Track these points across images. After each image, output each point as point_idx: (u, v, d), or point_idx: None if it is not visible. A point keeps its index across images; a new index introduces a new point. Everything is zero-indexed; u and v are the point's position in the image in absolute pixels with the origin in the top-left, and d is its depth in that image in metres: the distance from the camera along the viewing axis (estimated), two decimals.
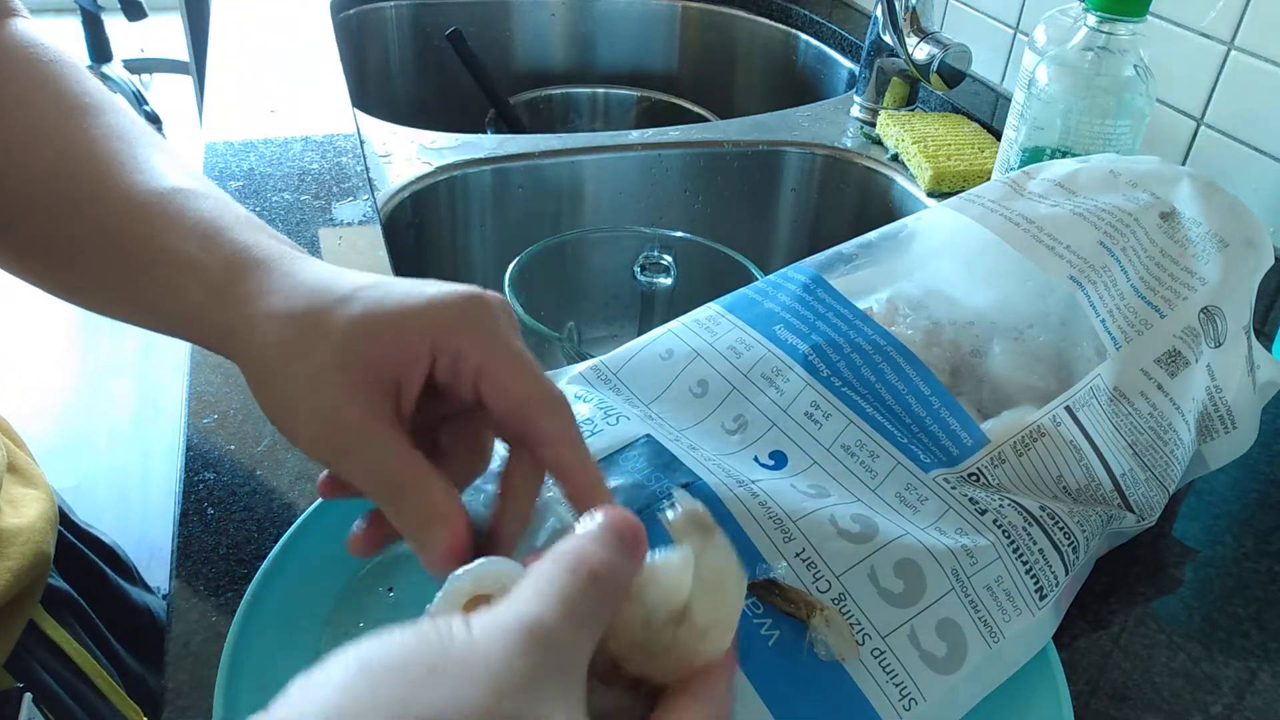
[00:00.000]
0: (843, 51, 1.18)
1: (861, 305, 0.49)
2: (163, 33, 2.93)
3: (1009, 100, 0.71)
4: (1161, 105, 0.82)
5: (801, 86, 1.26)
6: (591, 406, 0.44)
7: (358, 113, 0.90)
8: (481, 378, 0.33)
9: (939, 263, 0.52)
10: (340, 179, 0.77)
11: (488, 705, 0.20)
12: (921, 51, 0.87)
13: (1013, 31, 1.00)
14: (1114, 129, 0.64)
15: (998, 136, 0.88)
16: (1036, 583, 0.39)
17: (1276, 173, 0.75)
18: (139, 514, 1.80)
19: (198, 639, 0.41)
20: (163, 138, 0.42)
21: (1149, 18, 0.63)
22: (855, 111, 0.99)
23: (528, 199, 0.88)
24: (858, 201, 0.94)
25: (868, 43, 0.96)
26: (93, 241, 0.38)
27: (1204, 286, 0.48)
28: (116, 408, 2.05)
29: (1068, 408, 0.44)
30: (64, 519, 0.60)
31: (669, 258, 0.73)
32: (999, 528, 0.40)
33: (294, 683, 0.21)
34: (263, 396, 0.34)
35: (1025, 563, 0.39)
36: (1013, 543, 0.40)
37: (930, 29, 0.87)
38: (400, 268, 0.68)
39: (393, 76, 1.31)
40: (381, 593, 0.42)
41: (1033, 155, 0.67)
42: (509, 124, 1.15)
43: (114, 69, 2.81)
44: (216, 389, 0.54)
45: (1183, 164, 0.81)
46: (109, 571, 0.64)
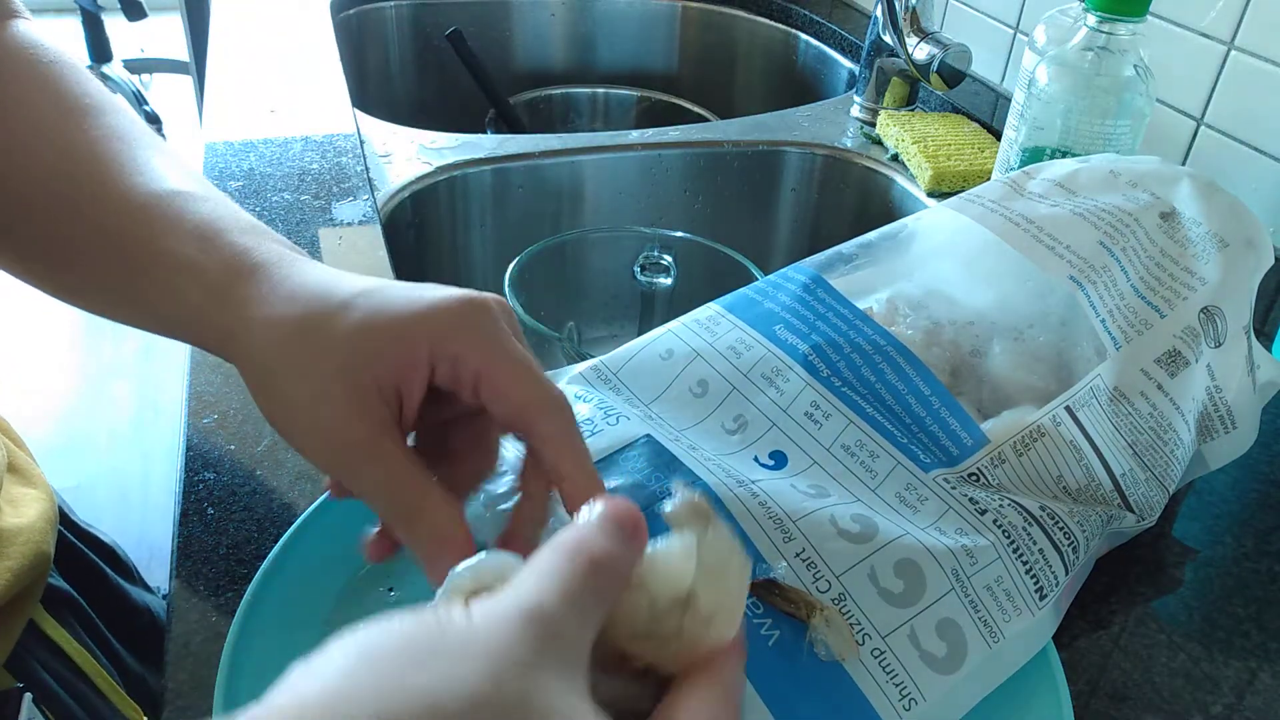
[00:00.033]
0: (843, 51, 1.18)
1: (861, 305, 0.49)
2: (163, 33, 2.93)
3: (1009, 100, 0.71)
4: (1161, 105, 0.82)
5: (801, 86, 1.26)
6: (591, 406, 0.44)
7: (358, 113, 0.90)
8: (480, 382, 0.33)
9: (939, 263, 0.52)
10: (340, 179, 0.77)
11: (487, 686, 0.20)
12: (921, 51, 0.87)
13: (1013, 31, 1.00)
14: (1114, 129, 0.64)
15: (998, 136, 0.88)
16: (1036, 583, 0.39)
17: (1276, 173, 0.75)
18: (139, 514, 1.80)
19: (198, 639, 0.41)
20: (163, 139, 0.42)
21: (1149, 18, 0.63)
22: (855, 111, 0.99)
23: (528, 199, 0.88)
24: (858, 201, 0.94)
25: (868, 43, 0.96)
26: (93, 242, 0.38)
27: (1204, 286, 0.48)
28: (117, 409, 2.05)
29: (1068, 408, 0.44)
30: (64, 519, 0.60)
31: (669, 258, 0.73)
32: (999, 528, 0.40)
33: (293, 668, 0.21)
34: (263, 400, 0.34)
35: (1025, 563, 0.39)
36: (1013, 543, 0.40)
37: (930, 29, 0.87)
38: (400, 268, 0.68)
39: (393, 76, 1.31)
40: (382, 592, 0.42)
41: (1033, 155, 0.67)
42: (509, 124, 1.15)
43: (114, 69, 2.81)
44: (216, 389, 0.54)
45: (1183, 164, 0.81)
46: (109, 571, 0.64)
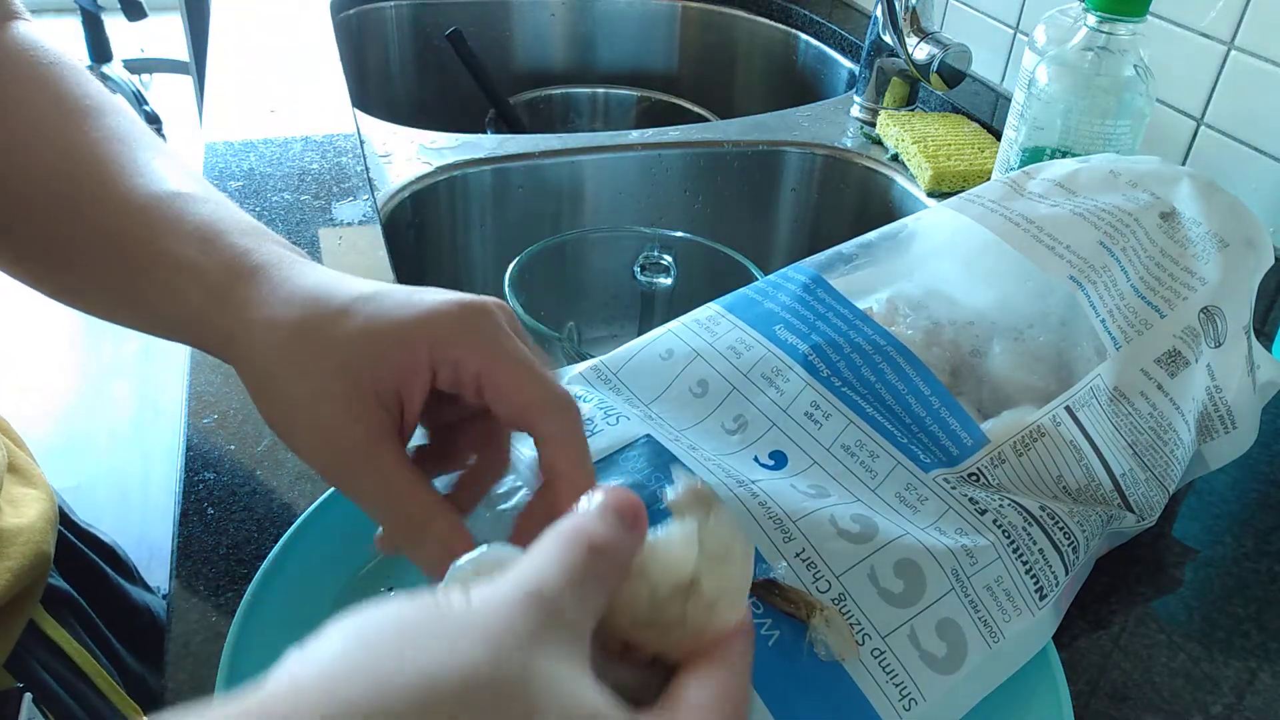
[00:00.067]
0: (843, 51, 1.18)
1: (861, 305, 0.49)
2: (163, 33, 2.93)
3: (1009, 100, 0.71)
4: (1161, 105, 0.82)
5: (801, 86, 1.26)
6: (591, 406, 0.44)
7: (358, 113, 0.90)
8: (482, 384, 0.33)
9: (939, 263, 0.52)
10: (340, 179, 0.77)
11: (485, 664, 0.20)
12: (921, 51, 0.87)
13: (1013, 31, 1.00)
14: (1114, 129, 0.64)
15: (998, 136, 0.88)
16: (1036, 583, 0.39)
17: (1276, 173, 0.75)
18: (139, 514, 1.80)
19: (198, 639, 0.41)
20: (163, 141, 0.42)
21: (1149, 18, 0.63)
22: (855, 111, 0.99)
23: (528, 199, 0.88)
24: (858, 201, 0.94)
25: (868, 43, 0.96)
26: (93, 243, 0.38)
27: (1204, 286, 0.48)
28: (117, 409, 2.05)
29: (1068, 408, 0.44)
30: (64, 519, 0.60)
31: (669, 258, 0.73)
32: (999, 528, 0.40)
33: (290, 652, 0.21)
34: (262, 403, 0.34)
35: (1025, 563, 0.39)
36: (1013, 543, 0.40)
37: (930, 29, 0.87)
38: (400, 268, 0.68)
39: (393, 76, 1.31)
40: (382, 592, 0.42)
41: (1033, 155, 0.67)
42: (509, 124, 1.15)
43: (114, 69, 2.81)
44: (216, 389, 0.54)
45: (1183, 164, 0.81)
46: (109, 571, 0.63)
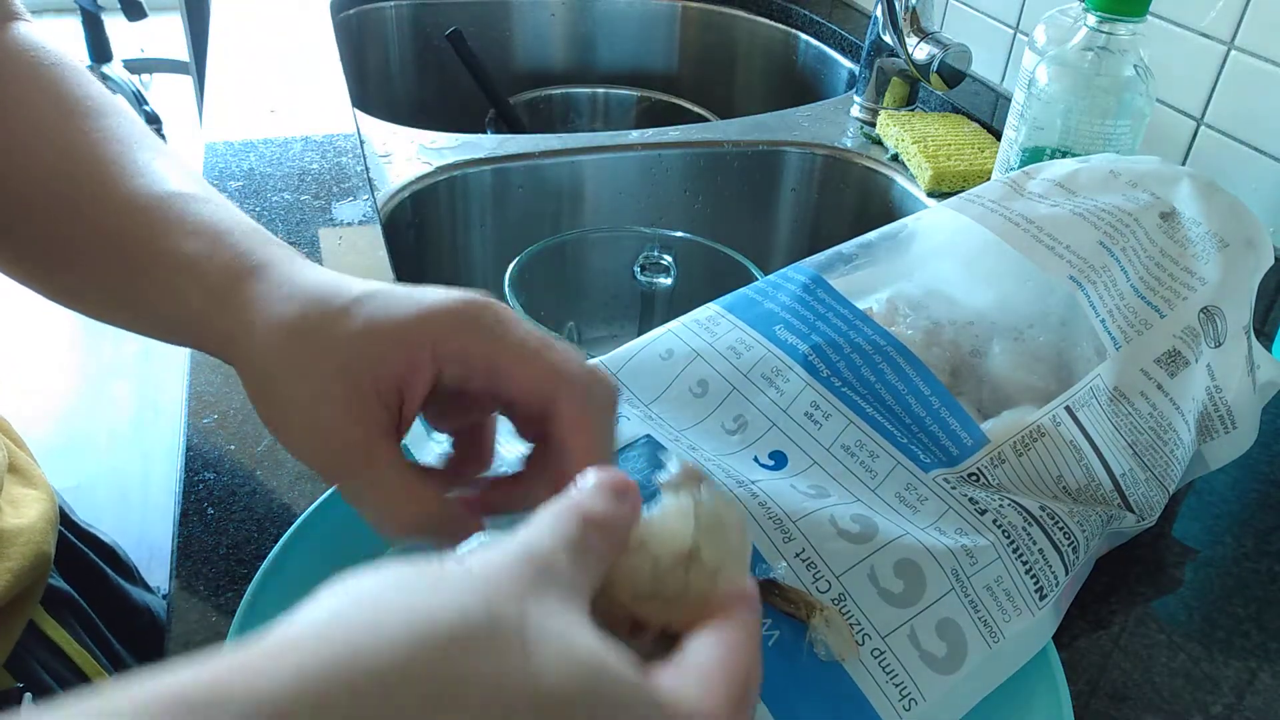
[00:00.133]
0: (843, 51, 1.18)
1: (861, 305, 0.49)
2: (163, 33, 2.93)
3: (1009, 100, 0.71)
4: (1161, 105, 0.82)
5: (801, 86, 1.26)
6: None
7: (358, 113, 0.90)
8: (495, 375, 0.33)
9: (939, 263, 0.52)
10: (340, 179, 0.77)
11: (481, 611, 0.20)
12: (921, 51, 0.87)
13: (1013, 31, 1.00)
14: (1114, 129, 0.64)
15: (998, 136, 0.88)
16: (1036, 583, 0.39)
17: (1276, 173, 0.75)
18: (139, 514, 1.80)
19: (198, 639, 0.41)
20: (163, 141, 0.42)
21: (1149, 18, 0.63)
22: (855, 111, 0.99)
23: (528, 199, 0.88)
24: (858, 201, 0.94)
25: (868, 43, 0.96)
26: (93, 243, 0.38)
27: (1204, 286, 0.48)
28: (117, 409, 2.05)
29: (1068, 408, 0.44)
30: (64, 519, 0.60)
31: (669, 258, 0.73)
32: (999, 528, 0.40)
33: (278, 621, 0.21)
34: (261, 404, 0.34)
35: (1025, 563, 0.39)
36: (1013, 543, 0.40)
37: (930, 29, 0.87)
38: (400, 268, 0.68)
39: (393, 76, 1.31)
40: None
41: (1033, 155, 0.67)
42: (509, 124, 1.15)
43: (114, 69, 2.81)
44: (216, 389, 0.54)
45: (1183, 164, 0.81)
46: (109, 571, 0.63)
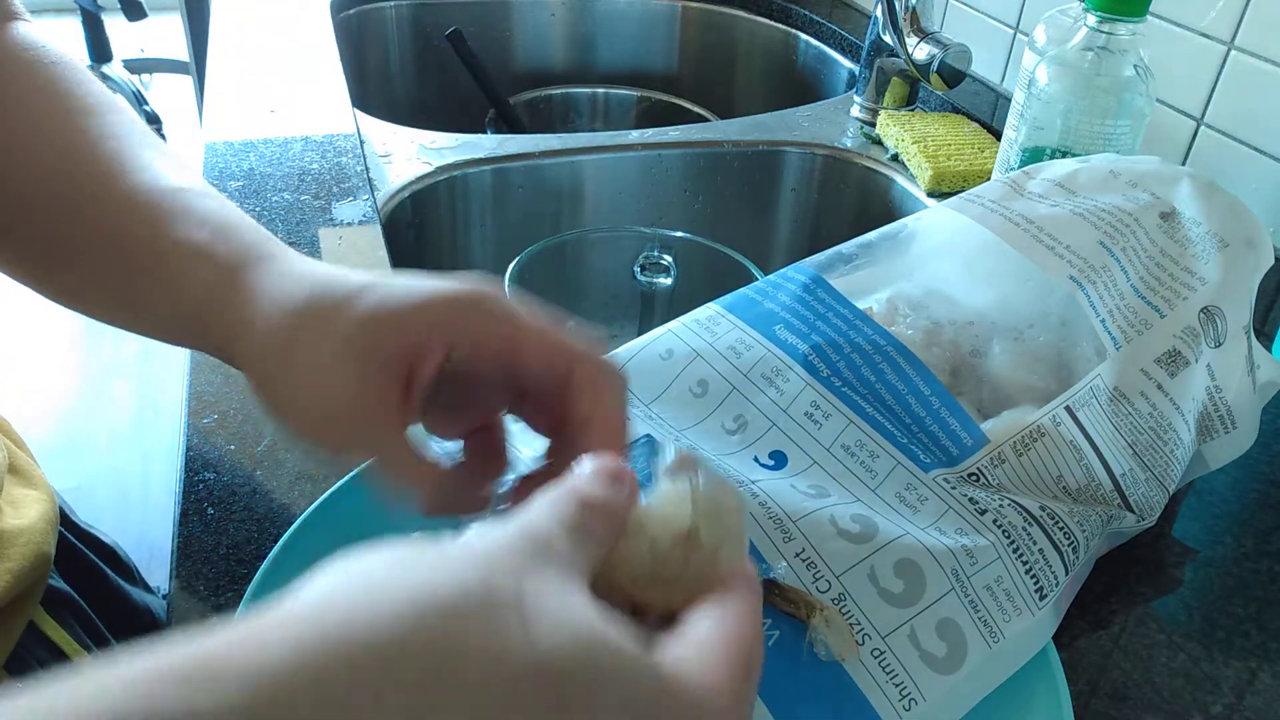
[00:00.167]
0: (843, 51, 1.18)
1: (861, 305, 0.48)
2: (163, 33, 2.93)
3: (1009, 100, 0.71)
4: (1161, 105, 0.82)
5: (801, 86, 1.26)
6: None
7: (358, 113, 0.90)
8: (508, 353, 0.33)
9: (939, 263, 0.52)
10: (340, 179, 0.77)
11: (479, 583, 0.21)
12: (921, 51, 0.87)
13: (1013, 31, 1.00)
14: (1114, 129, 0.64)
15: (998, 136, 0.88)
16: (1036, 583, 0.39)
17: (1276, 173, 0.75)
18: (139, 514, 1.80)
19: None
20: (163, 141, 0.42)
21: (1149, 18, 0.63)
22: (855, 111, 0.99)
23: (528, 199, 0.88)
24: (858, 201, 0.94)
25: (868, 43, 0.96)
26: (93, 243, 0.38)
27: (1204, 286, 0.48)
28: (117, 409, 2.05)
29: (1068, 408, 0.44)
30: (64, 520, 0.60)
31: (669, 258, 0.73)
32: (999, 528, 0.40)
33: (276, 600, 0.21)
34: (267, 388, 0.34)
35: (1025, 563, 0.39)
36: (1013, 543, 0.40)
37: (930, 29, 0.87)
38: (400, 268, 0.68)
39: (393, 76, 1.31)
40: None
41: (1033, 155, 0.67)
42: (509, 124, 1.15)
43: (114, 69, 2.80)
44: (216, 389, 0.54)
45: (1183, 164, 0.81)
46: (109, 572, 0.63)
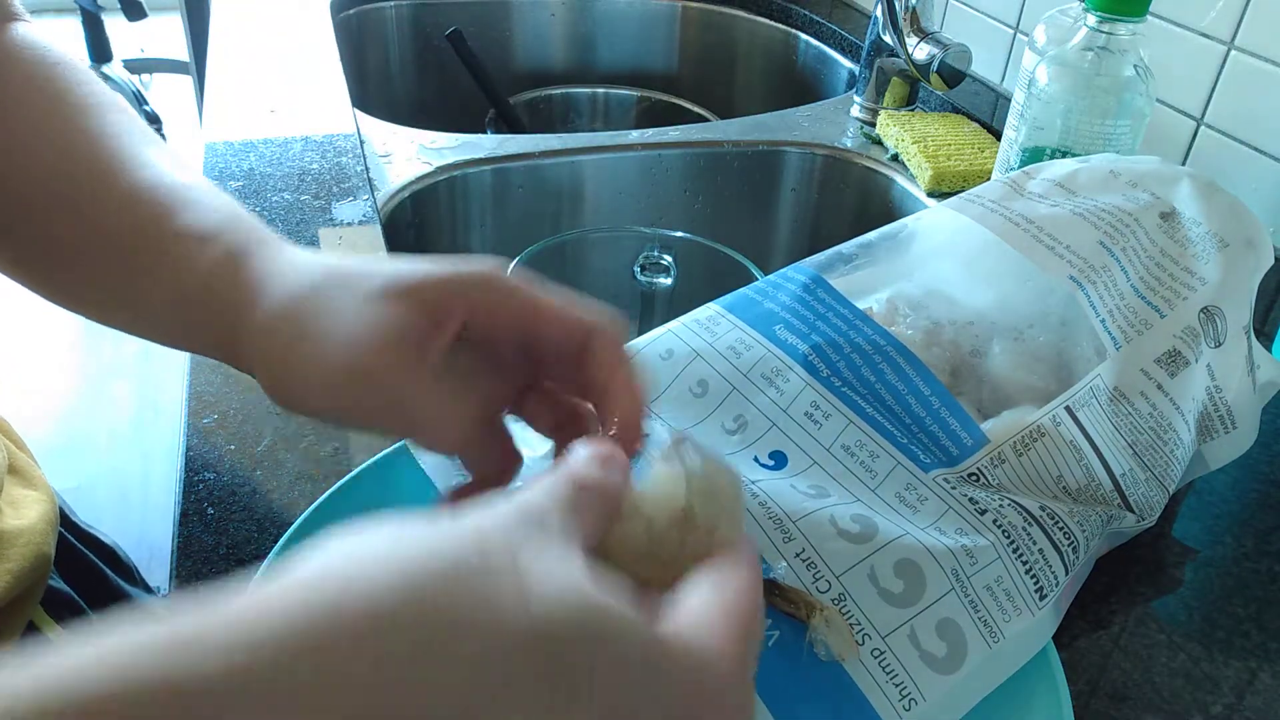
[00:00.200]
0: (843, 51, 1.18)
1: (861, 305, 0.48)
2: (163, 33, 2.93)
3: (1009, 100, 0.71)
4: (1161, 105, 0.82)
5: (801, 86, 1.26)
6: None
7: (358, 113, 0.90)
8: (530, 318, 0.34)
9: (939, 263, 0.52)
10: (340, 179, 0.77)
11: (475, 553, 0.21)
12: (921, 51, 0.87)
13: (1013, 31, 1.00)
14: (1114, 129, 0.64)
15: (998, 136, 0.88)
16: (1036, 583, 0.39)
17: (1276, 173, 0.75)
18: (139, 514, 1.80)
19: None
20: (163, 140, 0.42)
21: (1149, 18, 0.63)
22: (855, 111, 0.99)
23: (528, 199, 0.88)
24: (858, 201, 0.94)
25: (868, 43, 0.96)
26: (93, 242, 0.38)
27: (1204, 286, 0.48)
28: (117, 409, 2.05)
29: (1068, 408, 0.44)
30: (64, 520, 0.60)
31: (669, 258, 0.73)
32: (999, 528, 0.40)
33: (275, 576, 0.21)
34: (277, 362, 0.34)
35: (1025, 563, 0.39)
36: (1013, 543, 0.40)
37: (930, 29, 0.87)
38: None
39: (393, 76, 1.31)
40: None
41: (1033, 155, 0.67)
42: (509, 124, 1.15)
43: (114, 69, 2.81)
44: (216, 389, 0.54)
45: (1183, 164, 0.81)
46: (109, 572, 0.63)
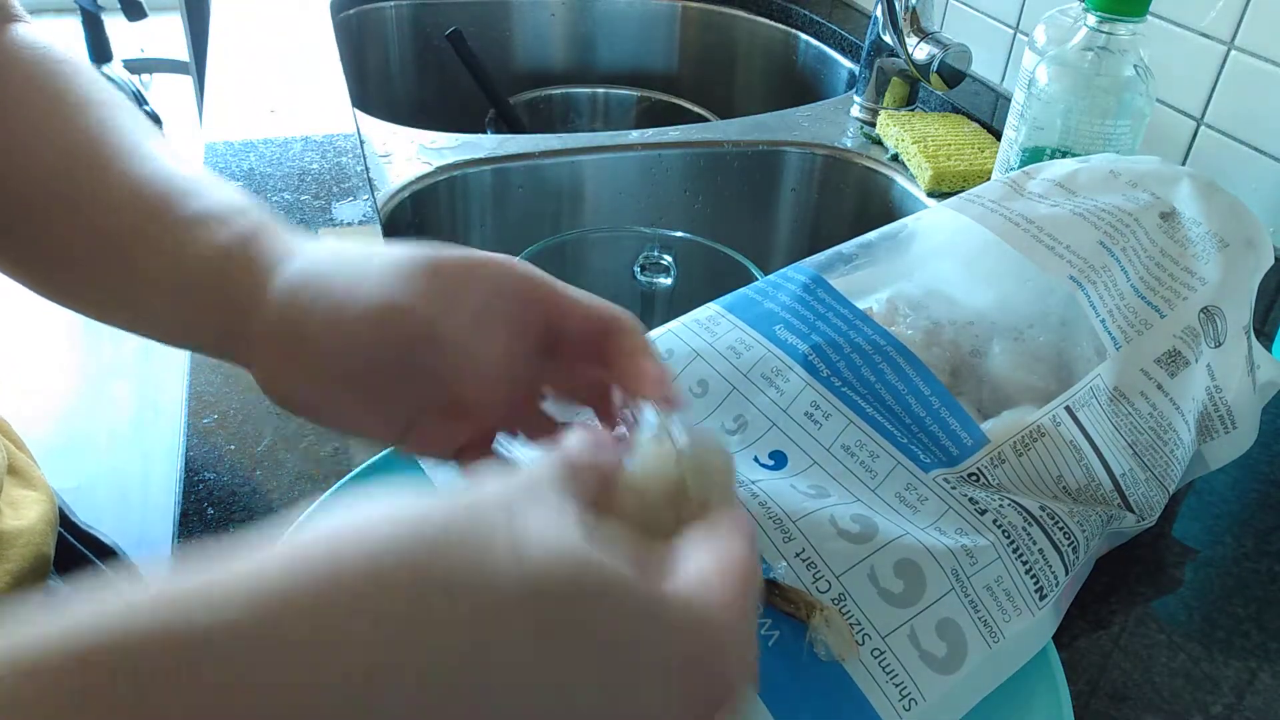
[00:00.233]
0: (843, 51, 1.18)
1: (861, 305, 0.48)
2: (163, 33, 2.93)
3: (1009, 100, 0.71)
4: (1161, 105, 0.82)
5: (801, 86, 1.25)
6: None
7: (358, 113, 0.90)
8: (554, 308, 0.35)
9: (939, 263, 0.52)
10: (340, 179, 0.77)
11: (468, 517, 0.22)
12: (921, 51, 0.87)
13: (1013, 31, 1.00)
14: (1114, 129, 0.64)
15: (998, 136, 0.88)
16: (1036, 583, 0.39)
17: (1276, 173, 0.75)
18: (139, 514, 1.80)
19: None
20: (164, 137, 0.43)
21: (1149, 18, 0.63)
22: (855, 111, 0.99)
23: (528, 199, 0.88)
24: (858, 201, 0.94)
25: (868, 43, 0.96)
26: (94, 239, 0.38)
27: (1204, 286, 0.48)
28: (117, 409, 2.05)
29: (1068, 408, 0.44)
30: (64, 520, 0.60)
31: (669, 258, 0.73)
32: (999, 528, 0.40)
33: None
34: (293, 323, 0.34)
35: (1025, 563, 0.39)
36: (1013, 543, 0.40)
37: (930, 29, 0.87)
38: None
39: (393, 76, 1.31)
40: None
41: (1033, 155, 0.67)
42: (509, 124, 1.15)
43: (114, 69, 2.80)
44: (216, 389, 0.54)
45: (1183, 164, 0.81)
46: (109, 572, 0.63)
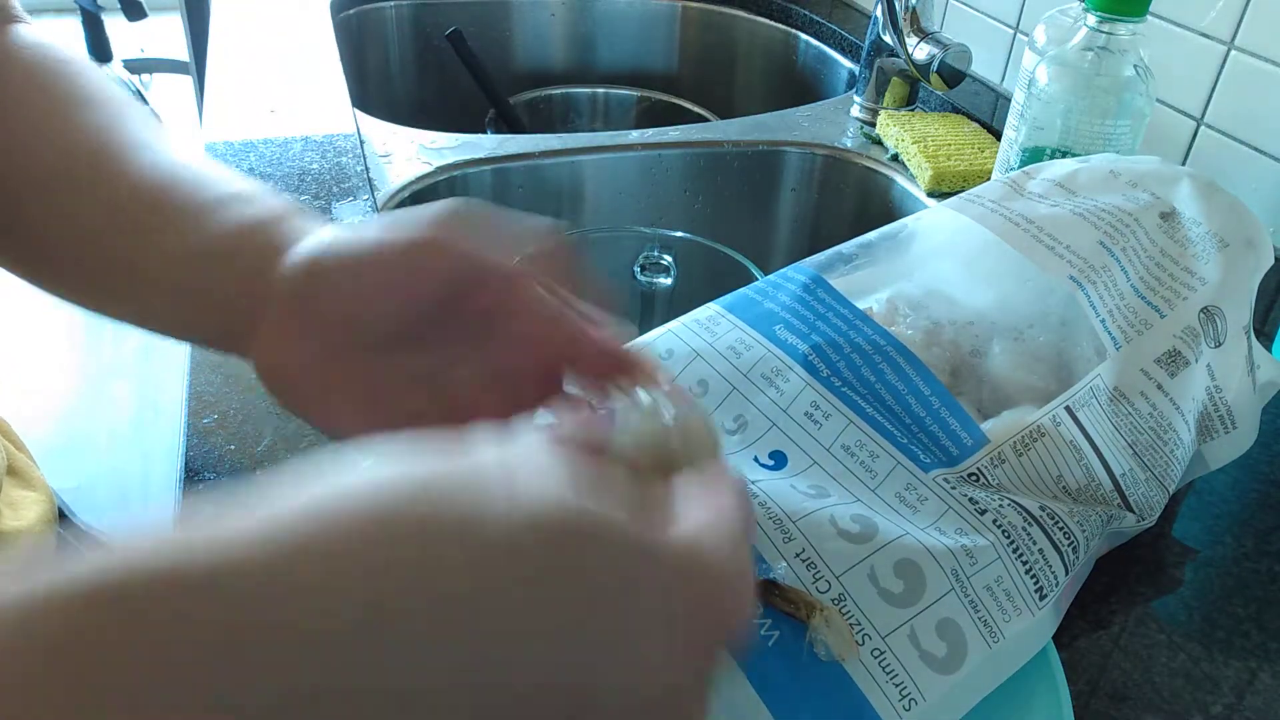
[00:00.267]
0: (843, 51, 1.18)
1: (861, 305, 0.48)
2: (163, 33, 2.92)
3: (1009, 100, 0.71)
4: (1161, 105, 0.82)
5: (801, 86, 1.25)
6: None
7: (358, 113, 0.90)
8: (551, 342, 0.36)
9: (939, 263, 0.52)
10: (340, 179, 0.77)
11: (467, 464, 0.23)
12: (921, 51, 0.87)
13: (1013, 31, 1.00)
14: (1114, 129, 0.64)
15: (998, 136, 0.88)
16: (1036, 583, 0.39)
17: (1276, 173, 0.75)
18: (139, 514, 1.80)
19: None
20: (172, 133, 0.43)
21: (1149, 18, 0.63)
22: (855, 111, 0.99)
23: (528, 199, 0.88)
24: (858, 201, 0.94)
25: (868, 43, 0.96)
26: (98, 235, 0.38)
27: (1204, 286, 0.48)
28: (117, 409, 2.05)
29: (1068, 408, 0.44)
30: (64, 520, 0.60)
31: (669, 258, 0.73)
32: (999, 528, 0.40)
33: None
34: (316, 266, 0.34)
35: (1025, 563, 0.39)
36: (1013, 543, 0.40)
37: (930, 29, 0.87)
38: None
39: (393, 76, 1.31)
40: None
41: (1033, 155, 0.67)
42: (509, 124, 1.15)
43: (114, 69, 2.81)
44: (216, 389, 0.54)
45: (1183, 164, 0.81)
46: None
